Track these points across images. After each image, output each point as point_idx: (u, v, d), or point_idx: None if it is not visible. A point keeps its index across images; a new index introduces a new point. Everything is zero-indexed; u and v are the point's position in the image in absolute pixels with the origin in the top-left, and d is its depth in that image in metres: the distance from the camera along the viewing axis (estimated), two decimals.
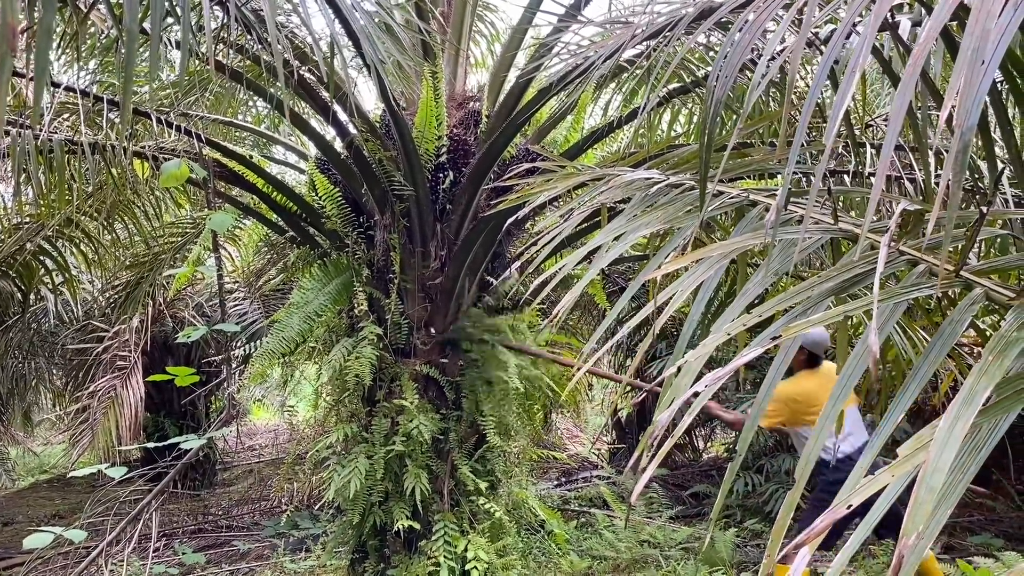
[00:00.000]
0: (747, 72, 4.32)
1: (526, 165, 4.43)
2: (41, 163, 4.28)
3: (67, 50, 4.77)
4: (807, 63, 4.86)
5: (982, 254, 4.24)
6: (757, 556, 6.14)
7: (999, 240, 4.06)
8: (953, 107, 1.24)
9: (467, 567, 3.95)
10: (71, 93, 4.36)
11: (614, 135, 7.24)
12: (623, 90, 5.32)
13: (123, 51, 1.77)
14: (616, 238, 2.22)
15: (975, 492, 4.51)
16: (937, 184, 3.92)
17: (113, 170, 4.58)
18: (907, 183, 4.27)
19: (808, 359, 4.53)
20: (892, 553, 4.59)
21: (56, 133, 4.32)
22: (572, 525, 6.96)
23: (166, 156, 4.23)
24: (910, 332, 5.32)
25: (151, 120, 4.25)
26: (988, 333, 6.25)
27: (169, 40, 3.79)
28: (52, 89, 4.20)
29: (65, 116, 4.76)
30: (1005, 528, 6.63)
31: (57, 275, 6.91)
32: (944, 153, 4.00)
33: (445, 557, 3.96)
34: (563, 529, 6.07)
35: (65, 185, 4.53)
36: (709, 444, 10.66)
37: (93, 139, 4.39)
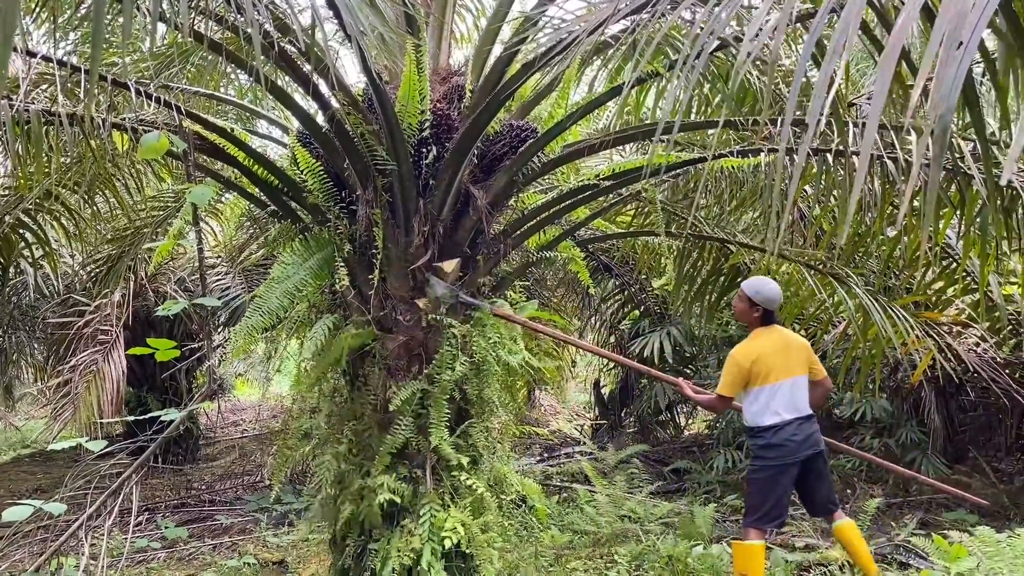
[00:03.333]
0: (731, 49, 4.31)
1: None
2: (18, 134, 4.22)
3: (46, 21, 4.70)
4: (791, 41, 4.86)
5: (961, 232, 4.28)
6: (736, 531, 6.21)
7: (979, 219, 4.09)
8: (929, 82, 1.25)
9: (445, 540, 3.96)
10: (49, 63, 4.30)
11: (599, 112, 7.23)
12: (608, 66, 5.30)
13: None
14: None
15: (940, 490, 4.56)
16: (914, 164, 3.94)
17: (92, 142, 4.52)
18: (888, 162, 4.29)
19: (762, 317, 4.44)
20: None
21: (34, 103, 4.25)
22: (554, 500, 7.02)
23: (146, 128, 4.18)
24: (890, 311, 5.36)
25: (130, 92, 4.19)
26: (968, 312, 6.32)
27: (148, 10, 3.73)
28: (28, 59, 4.14)
29: (43, 87, 4.69)
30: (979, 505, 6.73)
31: (37, 248, 6.84)
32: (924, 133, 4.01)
33: (428, 531, 3.98)
34: (544, 504, 6.11)
35: (43, 157, 4.47)
36: (691, 421, 10.75)
37: (72, 110, 4.33)
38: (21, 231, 6.42)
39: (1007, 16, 1.58)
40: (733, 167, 5.38)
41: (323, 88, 4.08)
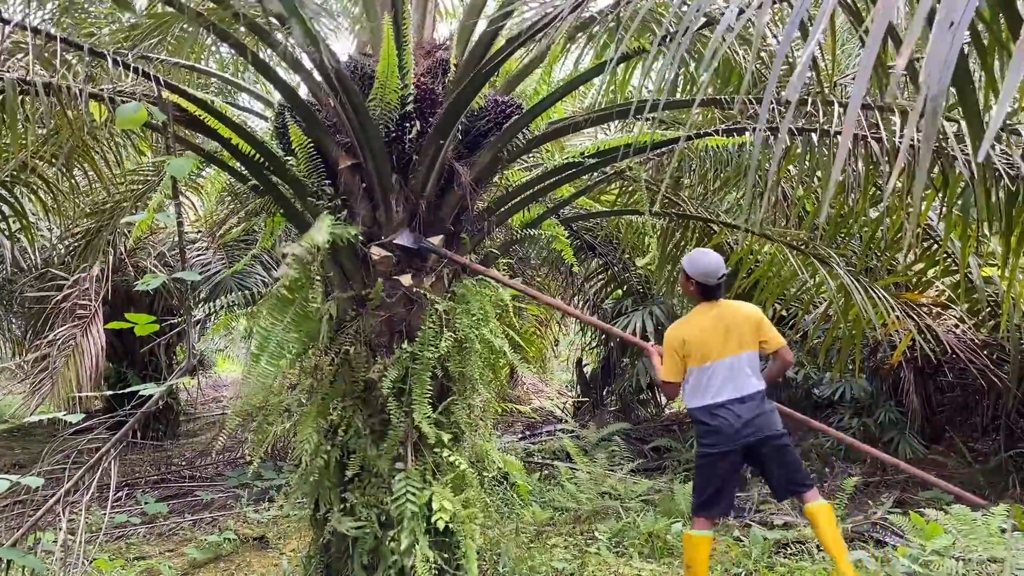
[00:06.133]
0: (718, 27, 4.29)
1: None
2: None
3: None
4: (778, 21, 4.84)
5: (943, 214, 4.29)
6: None
7: (961, 200, 4.11)
8: (917, 61, 1.24)
9: (432, 518, 3.97)
10: (24, 32, 4.20)
11: (584, 90, 7.19)
12: (593, 43, 5.26)
13: None
14: None
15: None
16: (901, 144, 3.94)
17: (69, 113, 4.44)
18: (873, 142, 4.29)
19: (700, 291, 4.05)
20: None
21: (9, 72, 4.17)
22: (535, 477, 7.05)
23: (124, 99, 4.10)
24: (871, 292, 5.39)
25: (108, 62, 4.10)
26: (948, 293, 6.36)
27: None
28: (2, 26, 4.04)
29: (19, 56, 4.59)
30: (955, 483, 6.83)
31: (14, 221, 6.73)
32: (910, 111, 4.01)
33: (409, 508, 3.98)
34: (526, 481, 6.13)
35: (19, 127, 4.39)
36: (671, 400, 10.80)
37: (48, 80, 4.25)
38: None
39: None
40: (717, 146, 5.37)
41: (306, 62, 4.03)
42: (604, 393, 10.53)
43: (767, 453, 3.96)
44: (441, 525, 3.95)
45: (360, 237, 4.16)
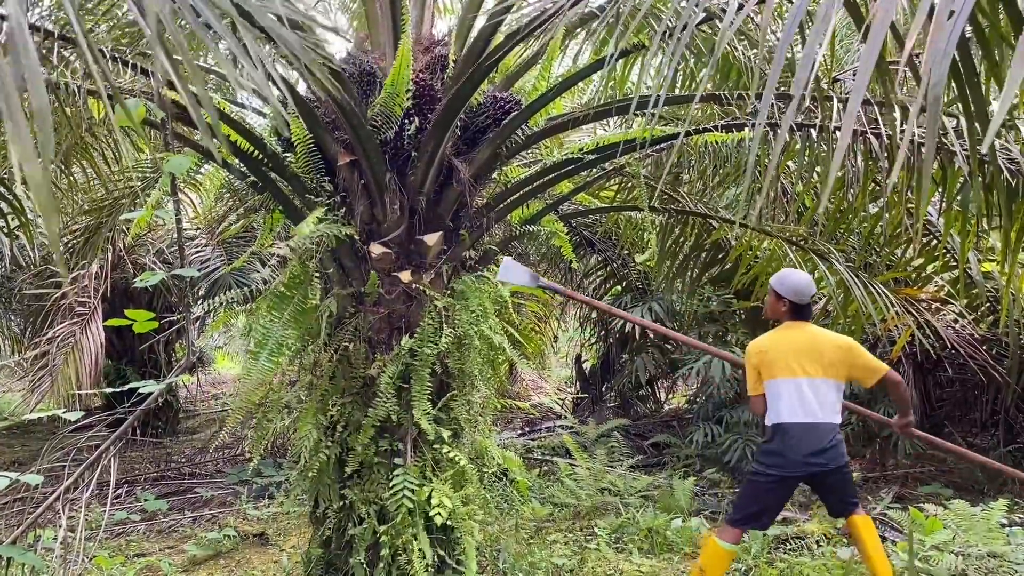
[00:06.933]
0: (717, 23, 4.28)
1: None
2: None
3: None
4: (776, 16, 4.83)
5: (942, 209, 4.29)
6: (714, 504, 6.27)
7: (960, 196, 4.11)
8: (917, 56, 1.24)
9: (431, 514, 3.97)
10: None
11: (583, 86, 7.18)
12: (593, 38, 5.26)
13: None
14: None
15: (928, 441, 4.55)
16: (901, 139, 3.94)
17: (67, 109, 4.43)
18: (872, 138, 4.29)
19: (791, 311, 4.00)
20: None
21: None
22: (535, 473, 7.05)
23: (123, 96, 4.09)
24: (871, 288, 5.39)
25: (106, 59, 4.10)
26: (947, 289, 6.35)
27: None
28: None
29: None
30: (954, 479, 6.85)
31: (12, 219, 6.72)
32: (910, 109, 4.00)
33: (406, 503, 3.98)
34: (525, 477, 6.14)
35: None
36: (670, 396, 10.82)
37: (46, 77, 4.24)
38: None
39: None
40: (717, 142, 5.37)
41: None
42: (603, 389, 10.53)
43: (831, 482, 3.91)
44: (439, 521, 3.95)
45: (356, 235, 4.16)
